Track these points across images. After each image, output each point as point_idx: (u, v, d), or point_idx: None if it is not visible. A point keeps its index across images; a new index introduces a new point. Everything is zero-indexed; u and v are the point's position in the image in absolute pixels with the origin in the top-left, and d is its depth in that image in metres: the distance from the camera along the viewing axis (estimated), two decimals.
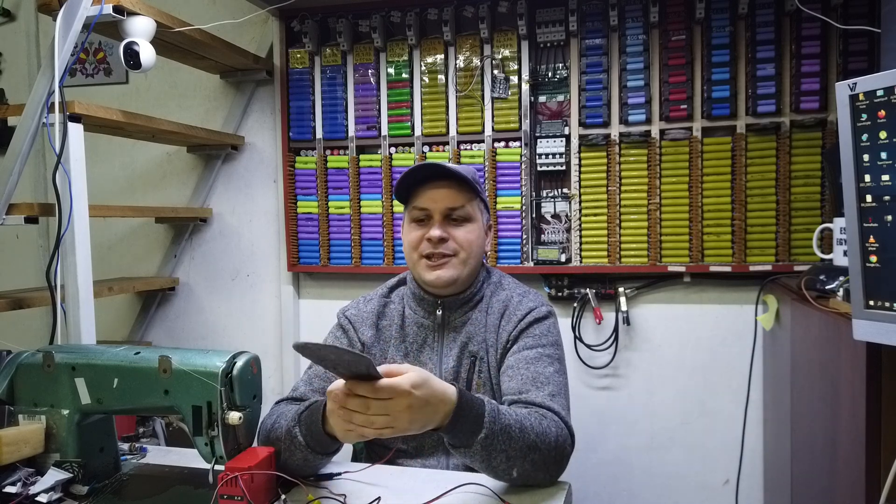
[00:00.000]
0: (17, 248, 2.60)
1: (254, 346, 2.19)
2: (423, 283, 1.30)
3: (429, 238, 1.26)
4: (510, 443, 1.01)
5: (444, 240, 1.26)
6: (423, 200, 1.28)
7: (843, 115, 0.90)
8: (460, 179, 1.28)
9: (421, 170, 1.28)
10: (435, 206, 1.27)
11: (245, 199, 2.37)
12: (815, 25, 1.81)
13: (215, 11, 2.28)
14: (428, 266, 1.27)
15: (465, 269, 1.29)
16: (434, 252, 1.26)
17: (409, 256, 1.31)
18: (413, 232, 1.30)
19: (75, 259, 1.60)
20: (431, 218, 1.28)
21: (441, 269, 1.26)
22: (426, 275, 1.27)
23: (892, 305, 0.86)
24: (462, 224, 1.29)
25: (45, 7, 1.64)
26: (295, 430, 1.05)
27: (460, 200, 1.28)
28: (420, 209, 1.29)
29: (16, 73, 2.58)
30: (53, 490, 1.06)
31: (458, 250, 1.27)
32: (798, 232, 1.86)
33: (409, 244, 1.30)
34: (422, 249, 1.28)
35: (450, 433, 0.99)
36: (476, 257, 1.31)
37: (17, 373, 1.12)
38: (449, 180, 1.28)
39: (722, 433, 1.99)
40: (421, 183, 1.29)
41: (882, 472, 0.97)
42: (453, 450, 1.02)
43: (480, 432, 0.98)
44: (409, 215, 1.32)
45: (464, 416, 0.97)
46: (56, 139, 1.57)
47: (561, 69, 2.01)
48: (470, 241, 1.29)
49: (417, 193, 1.29)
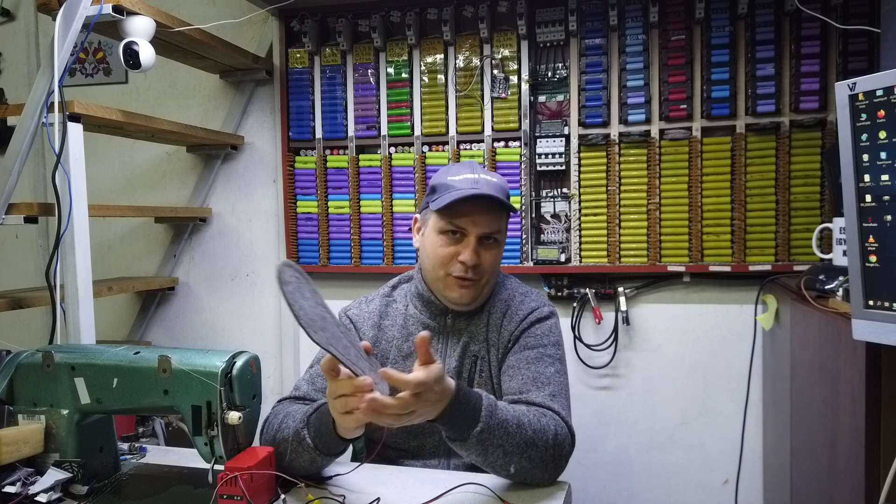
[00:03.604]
0: (17, 247, 2.60)
1: (253, 346, 2.19)
2: (444, 299, 1.29)
3: (462, 261, 1.24)
4: (507, 438, 1.02)
5: (477, 266, 1.24)
6: (462, 220, 1.24)
7: (843, 114, 0.90)
8: (501, 205, 1.25)
9: (475, 197, 1.22)
10: (473, 229, 1.24)
11: (245, 198, 2.37)
12: (814, 25, 1.81)
13: (215, 11, 2.28)
14: (456, 285, 1.25)
15: (485, 290, 1.29)
16: (465, 277, 1.24)
17: (433, 269, 1.27)
18: (443, 247, 1.25)
19: (75, 259, 1.60)
20: (465, 237, 1.25)
21: (465, 290, 1.25)
22: (450, 293, 1.26)
23: (891, 305, 0.86)
24: (493, 248, 1.27)
25: (45, 7, 1.64)
26: (303, 432, 1.05)
27: (497, 226, 1.26)
28: (456, 226, 1.24)
29: (15, 73, 2.58)
30: (53, 490, 1.05)
31: (484, 273, 1.26)
32: (798, 232, 1.86)
33: (437, 257, 1.26)
34: (451, 269, 1.25)
35: (446, 425, 1.00)
36: (495, 277, 1.32)
37: (16, 372, 1.12)
38: (490, 202, 1.24)
39: (721, 433, 1.99)
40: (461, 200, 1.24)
41: (882, 472, 0.97)
42: (450, 443, 1.03)
43: (476, 426, 0.99)
44: (439, 225, 1.25)
45: (460, 408, 0.99)
46: (56, 139, 1.57)
47: (561, 69, 2.01)
48: (495, 265, 1.29)
49: (456, 207, 1.23)
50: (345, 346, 0.97)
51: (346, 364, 0.93)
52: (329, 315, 0.99)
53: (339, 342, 0.95)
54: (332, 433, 1.03)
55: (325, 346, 0.91)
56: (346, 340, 0.99)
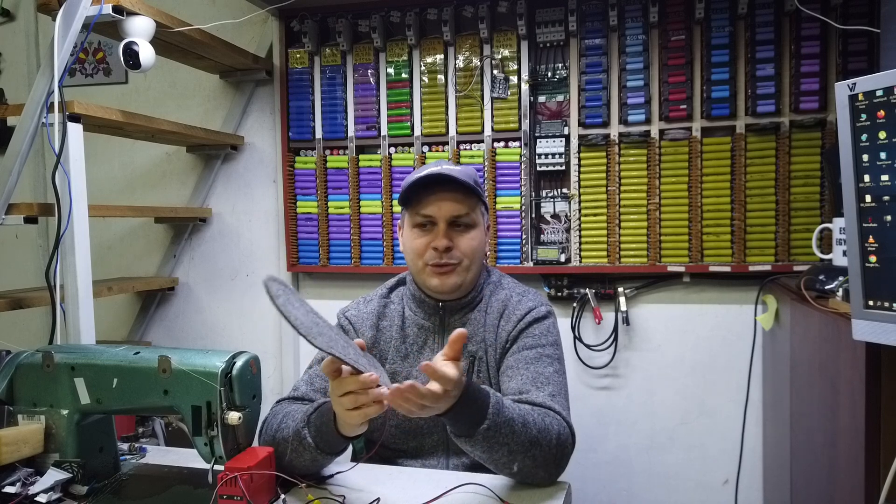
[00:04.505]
0: (17, 247, 2.60)
1: (253, 346, 2.18)
2: (427, 289, 1.30)
3: (434, 247, 1.26)
4: (512, 437, 1.02)
5: (449, 249, 1.26)
6: (427, 208, 1.27)
7: (843, 115, 0.90)
8: (465, 187, 1.27)
9: (427, 178, 1.27)
10: (440, 213, 1.26)
11: (245, 199, 2.37)
12: (814, 25, 1.81)
13: (215, 11, 2.28)
14: (433, 273, 1.27)
15: (468, 275, 1.29)
16: (440, 262, 1.26)
17: (413, 262, 1.31)
18: (417, 239, 1.29)
19: (75, 259, 1.60)
20: (435, 225, 1.27)
21: (446, 276, 1.26)
22: (431, 281, 1.27)
23: (891, 305, 0.86)
24: (466, 231, 1.28)
25: (45, 7, 1.64)
26: (304, 432, 1.05)
27: (465, 208, 1.28)
28: (424, 216, 1.28)
29: (15, 73, 2.58)
30: (53, 490, 1.06)
31: (462, 258, 1.27)
32: (797, 232, 1.86)
33: (413, 251, 1.29)
34: (427, 258, 1.27)
35: (452, 420, 1.00)
36: (479, 262, 1.32)
37: (16, 373, 1.12)
38: (454, 186, 1.27)
39: (721, 433, 1.99)
40: (424, 188, 1.28)
41: (882, 472, 0.97)
42: (456, 439, 1.03)
43: (483, 423, 1.00)
44: (412, 220, 1.30)
45: (468, 405, 0.99)
46: (55, 139, 1.57)
47: (560, 69, 2.01)
48: (473, 248, 1.29)
49: (421, 199, 1.28)
50: (343, 346, 0.98)
51: (350, 363, 0.94)
52: (321, 320, 1.01)
53: (337, 344, 0.97)
54: (334, 431, 1.03)
55: (326, 350, 0.92)
56: (342, 341, 1.00)
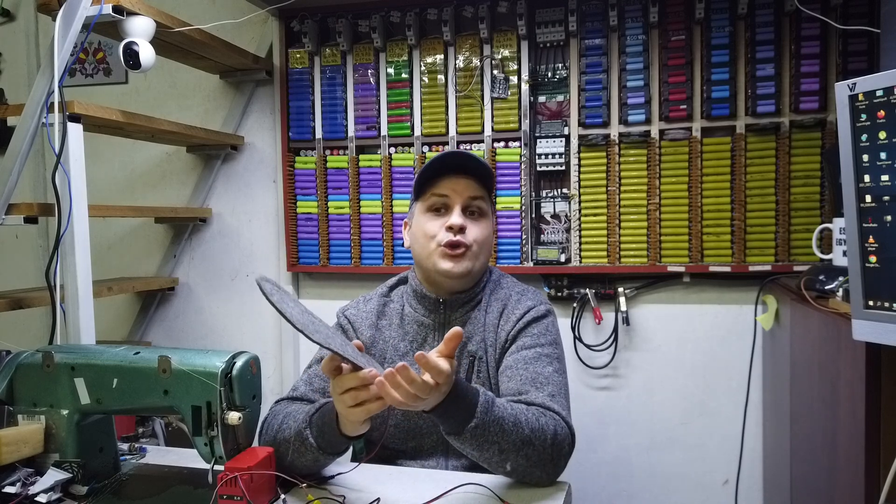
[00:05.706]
0: (17, 248, 2.60)
1: (253, 346, 2.20)
2: (437, 273, 1.27)
3: (450, 226, 1.25)
4: (502, 436, 1.02)
5: (463, 229, 1.25)
6: (443, 188, 1.28)
7: (843, 115, 0.90)
8: (480, 174, 1.30)
9: (448, 157, 1.30)
10: (455, 194, 1.27)
11: (245, 199, 2.37)
12: (814, 25, 1.81)
13: (215, 11, 2.28)
14: (445, 255, 1.25)
15: (477, 263, 1.28)
16: (454, 241, 1.25)
17: (423, 246, 1.28)
18: (430, 221, 1.28)
19: (75, 259, 1.60)
20: (450, 208, 1.28)
21: (457, 260, 1.25)
22: (442, 263, 1.25)
23: (891, 305, 0.86)
24: (479, 219, 1.29)
25: (45, 7, 1.64)
26: (306, 433, 1.05)
27: (479, 191, 1.30)
28: (439, 195, 1.28)
29: (15, 73, 2.57)
30: (53, 490, 1.05)
31: (473, 244, 1.27)
32: (797, 232, 1.86)
33: (425, 234, 1.28)
34: (440, 238, 1.26)
35: (441, 417, 1.00)
36: (486, 254, 1.32)
37: (16, 373, 1.12)
38: (468, 174, 1.29)
39: (721, 433, 1.99)
40: (439, 175, 1.29)
41: (881, 472, 0.97)
42: (447, 436, 1.03)
43: (471, 421, 0.99)
44: (426, 203, 1.29)
45: (456, 403, 0.99)
46: (55, 139, 1.57)
47: (560, 69, 2.01)
48: (485, 236, 1.30)
49: (435, 183, 1.29)
50: (341, 343, 0.99)
51: (348, 358, 0.95)
52: (315, 319, 1.02)
53: (335, 340, 0.98)
54: (336, 431, 1.03)
55: (324, 344, 0.93)
56: (339, 339, 1.01)
